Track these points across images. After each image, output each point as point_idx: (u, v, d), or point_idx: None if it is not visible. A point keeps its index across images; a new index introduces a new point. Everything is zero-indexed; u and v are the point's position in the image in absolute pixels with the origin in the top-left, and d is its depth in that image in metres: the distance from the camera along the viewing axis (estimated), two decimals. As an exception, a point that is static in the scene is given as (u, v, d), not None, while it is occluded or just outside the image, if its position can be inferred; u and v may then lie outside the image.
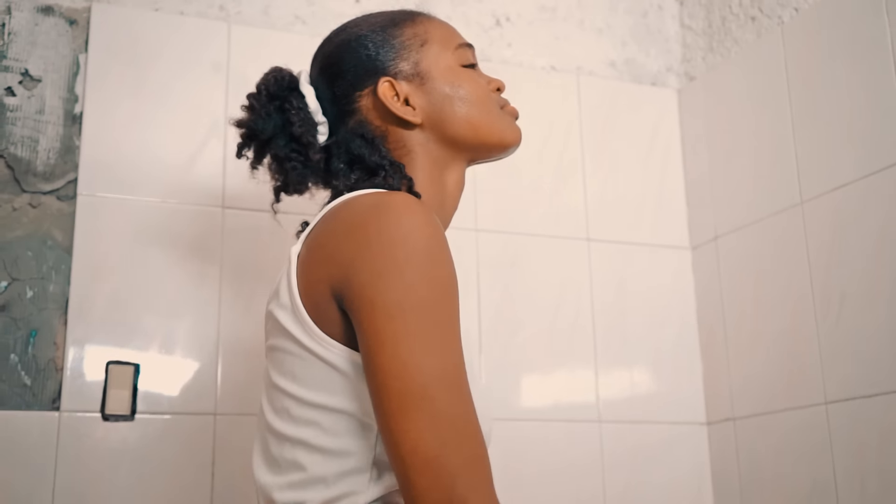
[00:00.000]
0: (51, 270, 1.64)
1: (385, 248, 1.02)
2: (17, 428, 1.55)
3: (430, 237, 1.03)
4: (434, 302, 1.00)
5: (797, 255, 1.80)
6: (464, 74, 1.23)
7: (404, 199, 1.05)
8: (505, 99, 1.27)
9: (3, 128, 1.67)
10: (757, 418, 1.87)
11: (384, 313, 0.98)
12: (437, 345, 0.98)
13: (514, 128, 1.26)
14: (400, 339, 0.97)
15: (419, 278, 1.00)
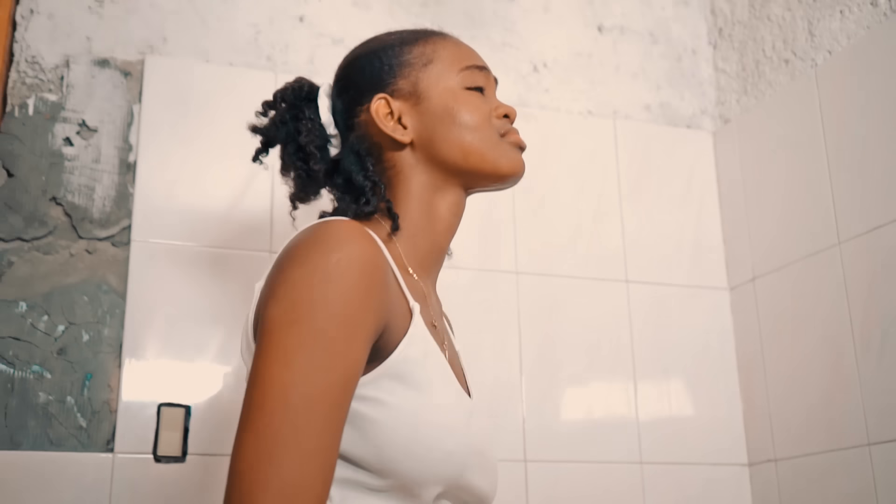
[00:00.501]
0: (105, 315, 1.65)
1: (289, 270, 0.98)
2: (73, 469, 1.56)
3: (337, 262, 0.96)
4: (312, 321, 0.94)
5: (836, 296, 1.78)
6: (463, 97, 1.17)
7: (335, 228, 1.01)
8: (510, 127, 1.20)
9: (62, 177, 1.70)
10: (799, 459, 1.84)
11: (264, 328, 0.96)
12: (298, 363, 0.92)
13: (512, 158, 1.18)
14: (266, 352, 0.94)
15: (304, 297, 0.95)
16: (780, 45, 2.03)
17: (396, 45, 1.22)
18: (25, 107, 1.72)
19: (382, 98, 1.18)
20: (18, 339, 1.60)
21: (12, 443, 1.55)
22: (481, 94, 1.19)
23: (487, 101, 1.20)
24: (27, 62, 1.74)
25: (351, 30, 1.97)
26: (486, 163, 1.16)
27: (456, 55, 1.21)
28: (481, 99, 1.19)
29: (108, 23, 1.81)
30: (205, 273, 1.72)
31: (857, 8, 1.82)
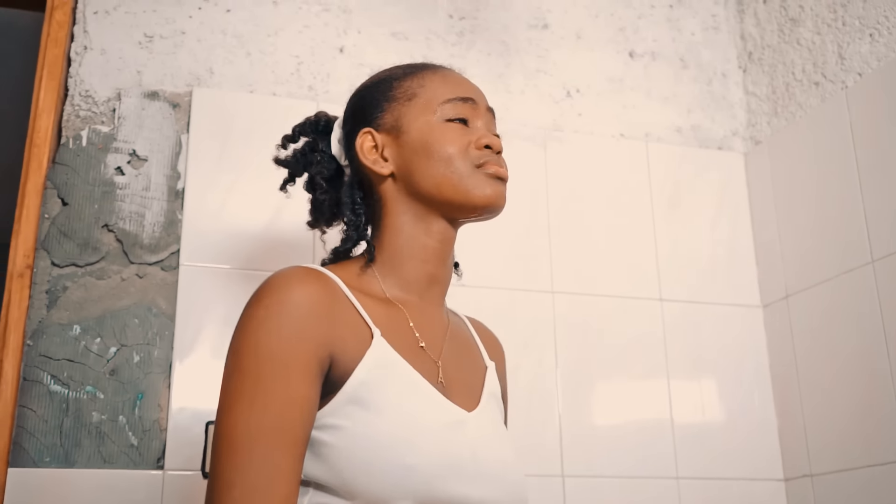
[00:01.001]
0: (155, 336, 1.68)
1: (238, 321, 1.07)
2: (125, 486, 1.58)
3: (264, 308, 1.04)
4: (247, 367, 1.01)
5: (870, 313, 1.77)
6: (440, 130, 1.17)
7: (274, 278, 1.08)
8: (491, 157, 1.17)
9: (113, 204, 1.73)
10: (835, 475, 1.82)
11: (222, 377, 1.05)
12: (238, 407, 0.99)
13: (486, 188, 1.16)
14: (220, 399, 1.02)
15: (241, 345, 1.04)
16: (809, 67, 2.02)
17: (387, 80, 1.25)
18: (79, 138, 1.76)
19: (368, 132, 1.22)
20: (73, 360, 1.63)
21: (67, 461, 1.57)
22: (464, 125, 1.19)
23: (469, 132, 1.19)
24: (81, 96, 1.79)
25: (389, 59, 1.98)
26: (458, 194, 1.16)
27: (440, 88, 1.21)
28: (460, 131, 1.18)
29: (157, 57, 1.85)
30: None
31: (887, 31, 1.81)
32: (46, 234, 1.68)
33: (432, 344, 1.18)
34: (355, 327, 1.08)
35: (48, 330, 1.63)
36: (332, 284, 1.10)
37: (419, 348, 1.15)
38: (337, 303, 1.08)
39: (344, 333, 1.06)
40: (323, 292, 1.07)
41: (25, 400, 1.59)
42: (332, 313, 1.06)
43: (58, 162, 1.73)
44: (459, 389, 1.16)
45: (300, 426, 1.00)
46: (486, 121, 1.22)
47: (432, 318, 1.21)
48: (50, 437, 1.58)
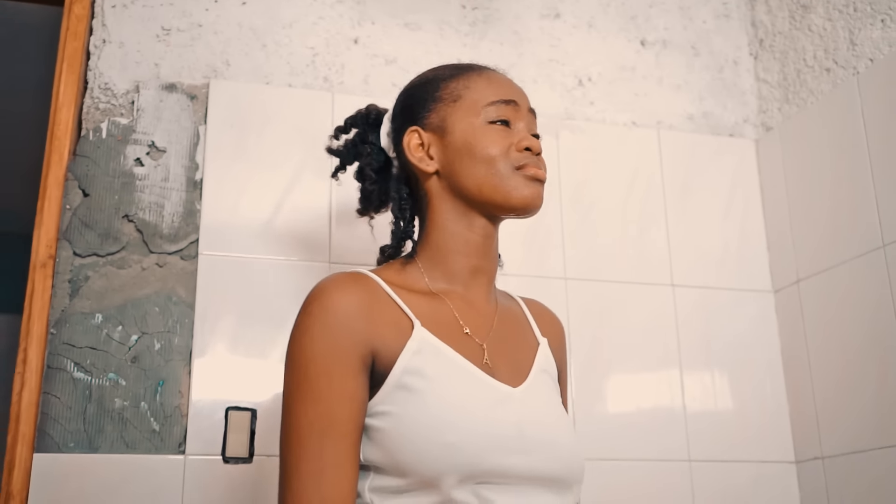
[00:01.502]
0: (175, 324, 1.68)
1: (292, 328, 1.16)
2: (147, 470, 1.59)
3: (309, 315, 1.13)
4: (297, 370, 1.11)
5: (881, 297, 1.75)
6: (481, 132, 1.21)
7: (315, 288, 1.16)
8: (529, 160, 1.21)
9: (133, 195, 1.74)
10: (846, 457, 1.81)
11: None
12: (293, 406, 1.11)
13: (524, 190, 1.20)
14: (282, 400, 1.13)
15: (291, 352, 1.13)
16: (821, 54, 2.00)
17: (434, 80, 1.29)
18: (99, 130, 1.76)
19: (415, 130, 1.26)
20: (95, 348, 1.64)
21: (91, 446, 1.58)
22: (506, 126, 1.23)
23: (511, 133, 1.23)
24: (100, 88, 1.79)
25: (403, 50, 2.00)
26: (498, 195, 1.20)
27: (484, 91, 1.24)
28: (502, 133, 1.22)
29: (174, 50, 1.85)
30: (268, 283, 1.75)
31: (897, 15, 1.80)
32: (68, 224, 1.69)
33: (477, 329, 1.22)
34: (395, 321, 1.15)
35: (71, 319, 1.64)
36: (372, 285, 1.17)
37: (463, 334, 1.20)
38: (376, 301, 1.15)
39: (383, 329, 1.13)
40: (360, 294, 1.14)
41: (49, 387, 1.60)
42: (371, 312, 1.13)
43: (78, 154, 1.73)
44: (507, 368, 1.20)
45: (348, 418, 1.09)
46: (527, 122, 1.26)
47: (478, 305, 1.25)
48: (74, 424, 1.59)
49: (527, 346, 1.28)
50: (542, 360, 1.27)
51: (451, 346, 1.16)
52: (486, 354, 1.20)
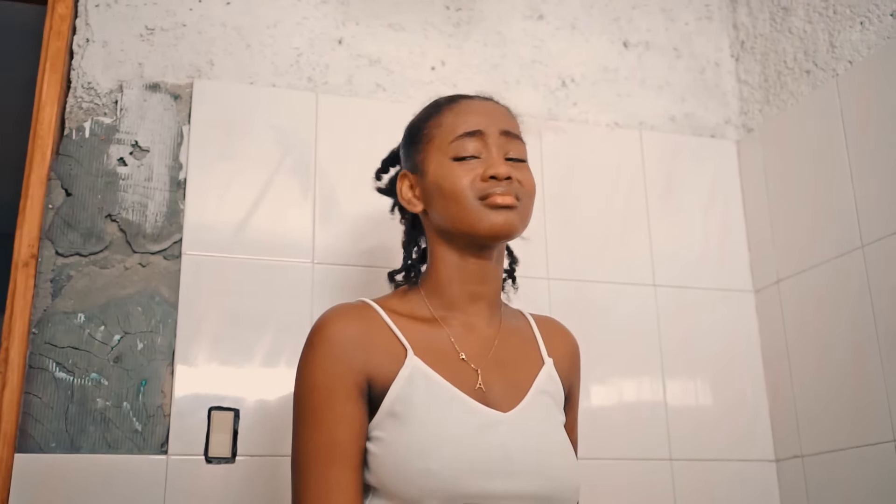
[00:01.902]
0: (158, 324, 1.67)
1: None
2: (130, 470, 1.57)
3: (311, 346, 1.20)
4: (301, 399, 1.18)
5: (860, 297, 1.75)
6: (447, 169, 1.24)
7: (318, 320, 1.22)
8: (494, 188, 1.22)
9: (117, 195, 1.72)
10: (825, 455, 1.81)
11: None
12: (298, 434, 1.17)
13: (489, 220, 1.21)
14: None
15: (297, 382, 1.20)
16: (801, 56, 2.00)
17: (418, 121, 1.34)
18: (82, 130, 1.74)
19: (405, 174, 1.33)
20: (77, 348, 1.62)
21: (73, 446, 1.56)
22: (470, 160, 1.24)
23: (477, 165, 1.24)
24: (83, 88, 1.77)
25: (387, 51, 1.98)
26: (466, 227, 1.23)
27: (451, 127, 1.27)
28: (466, 167, 1.24)
29: (158, 49, 1.83)
30: (251, 283, 1.73)
31: (877, 19, 1.79)
32: (50, 224, 1.67)
33: (474, 354, 1.25)
34: (390, 349, 1.19)
35: (53, 318, 1.62)
36: (371, 315, 1.23)
37: (459, 360, 1.23)
38: (372, 330, 1.20)
39: (378, 357, 1.18)
40: (358, 325, 1.20)
41: (31, 387, 1.58)
42: (367, 341, 1.19)
43: (61, 153, 1.71)
44: (501, 392, 1.22)
45: (349, 441, 1.14)
46: (499, 146, 1.26)
47: (478, 329, 1.28)
48: (55, 424, 1.57)
49: (528, 366, 1.28)
50: (544, 381, 1.27)
51: (443, 372, 1.19)
52: (479, 379, 1.22)
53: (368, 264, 1.80)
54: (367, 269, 1.80)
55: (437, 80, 2.00)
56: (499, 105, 1.33)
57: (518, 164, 1.27)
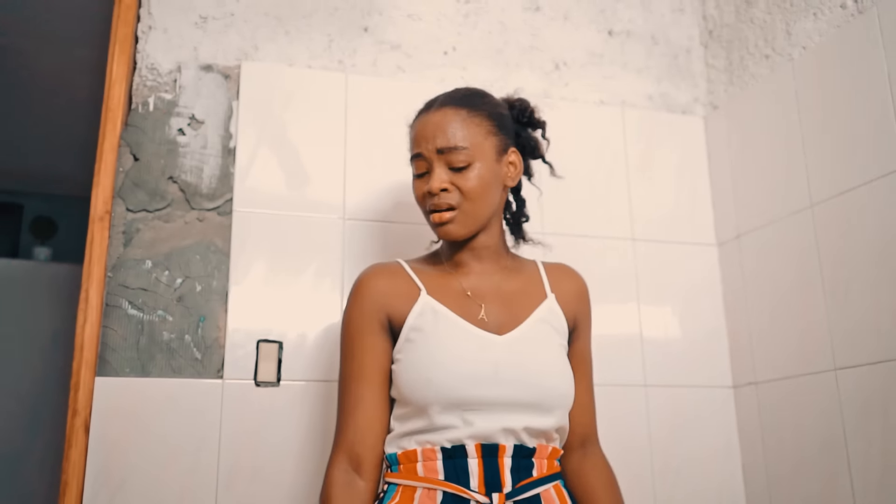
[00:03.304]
0: (214, 269, 1.67)
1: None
2: (191, 392, 1.59)
3: (350, 297, 1.28)
4: (342, 336, 1.27)
5: (808, 249, 1.75)
6: (413, 181, 1.31)
7: (360, 274, 1.30)
8: (431, 203, 1.26)
9: (177, 160, 1.71)
10: (776, 382, 1.82)
11: None
12: (341, 361, 1.26)
13: (436, 229, 1.28)
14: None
15: (342, 323, 1.28)
16: (761, 43, 1.97)
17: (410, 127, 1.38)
18: (147, 104, 1.73)
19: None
20: (146, 289, 1.63)
21: (143, 371, 1.58)
22: (422, 177, 1.28)
23: (425, 180, 1.27)
24: (147, 68, 1.76)
25: (406, 38, 1.96)
26: (431, 228, 1.30)
27: (410, 147, 1.32)
28: (418, 184, 1.29)
29: (210, 35, 1.81)
30: (291, 235, 1.73)
31: (829, 10, 1.77)
32: (121, 185, 1.67)
33: (479, 292, 1.28)
34: (408, 292, 1.25)
35: (125, 264, 1.63)
36: (397, 270, 1.29)
37: (465, 296, 1.27)
38: (396, 281, 1.26)
39: (396, 299, 1.24)
40: (382, 276, 1.27)
41: (108, 322, 1.59)
42: (390, 290, 1.25)
43: (129, 124, 1.71)
44: (501, 320, 1.26)
45: (373, 366, 1.22)
46: (437, 164, 1.26)
47: (483, 275, 1.31)
48: (129, 352, 1.58)
49: (529, 300, 1.31)
50: (544, 311, 1.30)
51: (450, 306, 1.24)
52: (483, 311, 1.25)
53: (389, 220, 1.80)
54: (388, 223, 1.80)
55: (449, 63, 1.98)
56: (446, 114, 1.27)
57: (460, 171, 1.25)
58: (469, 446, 1.14)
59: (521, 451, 1.16)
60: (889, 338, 1.54)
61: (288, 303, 1.69)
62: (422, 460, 1.15)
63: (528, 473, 1.16)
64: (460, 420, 1.14)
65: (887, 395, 1.53)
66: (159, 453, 1.54)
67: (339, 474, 1.17)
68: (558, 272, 1.38)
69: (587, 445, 1.34)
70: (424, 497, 1.12)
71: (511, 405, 1.17)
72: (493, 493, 1.12)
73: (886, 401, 1.53)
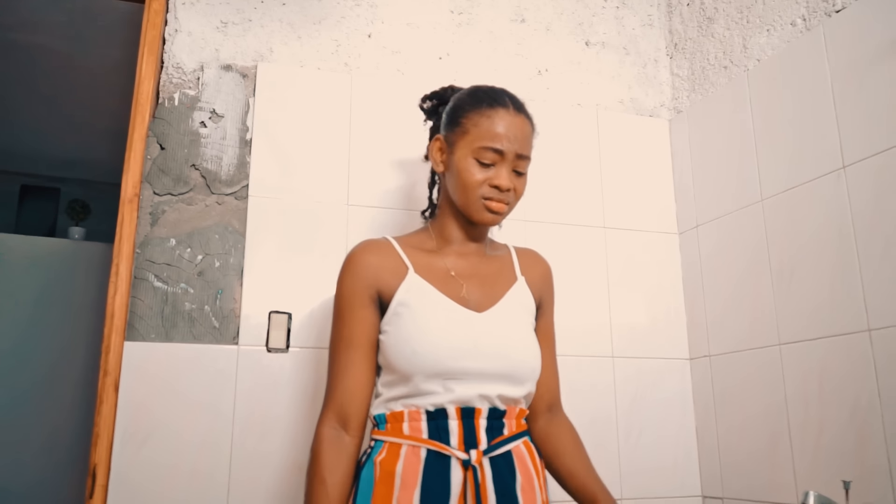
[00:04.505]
0: (231, 248, 1.66)
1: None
2: (210, 356, 1.59)
3: (342, 269, 1.25)
4: (335, 307, 1.24)
5: (759, 238, 1.76)
6: (468, 163, 1.22)
7: (352, 249, 1.26)
8: (495, 195, 1.23)
9: (199, 150, 1.70)
10: (728, 356, 1.83)
11: None
12: (332, 330, 1.23)
13: (482, 214, 1.24)
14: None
15: (335, 294, 1.25)
16: (720, 55, 1.97)
17: (466, 106, 1.27)
18: (173, 99, 1.72)
19: (438, 139, 1.30)
20: (170, 264, 1.62)
21: (167, 337, 1.57)
22: (485, 166, 1.23)
23: (488, 172, 1.22)
24: (173, 67, 1.74)
25: (406, 44, 1.95)
26: (466, 211, 1.26)
27: (483, 134, 1.23)
28: (479, 170, 1.22)
29: (230, 38, 1.80)
30: (301, 218, 1.73)
31: (780, 27, 1.76)
32: (149, 171, 1.65)
33: (462, 273, 1.27)
34: (397, 269, 1.23)
35: (151, 242, 1.62)
36: (387, 247, 1.26)
37: (449, 276, 1.26)
38: (386, 257, 1.24)
39: (386, 275, 1.22)
40: (375, 254, 1.23)
41: (136, 293, 1.58)
42: (380, 265, 1.22)
43: (157, 117, 1.69)
44: (480, 299, 1.25)
45: (362, 335, 1.20)
46: (510, 165, 1.24)
47: (468, 256, 1.30)
48: (154, 320, 1.57)
49: (503, 282, 1.30)
50: (515, 292, 1.29)
51: (435, 284, 1.22)
52: (464, 289, 1.24)
53: (389, 206, 1.80)
54: (388, 209, 1.80)
55: (443, 67, 1.97)
56: (524, 124, 1.26)
57: (520, 176, 1.25)
58: (450, 409, 1.14)
59: (494, 413, 1.17)
60: (827, 317, 1.55)
61: (297, 278, 1.69)
62: (407, 420, 1.15)
63: (500, 432, 1.17)
64: (442, 387, 1.15)
65: (824, 367, 1.54)
66: (181, 410, 1.54)
67: (328, 431, 1.17)
68: (527, 257, 1.38)
69: (553, 410, 1.34)
70: (410, 453, 1.13)
71: (488, 375, 1.17)
72: (471, 449, 1.13)
73: (822, 372, 1.54)
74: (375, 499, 1.10)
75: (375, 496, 1.11)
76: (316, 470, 1.13)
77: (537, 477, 1.19)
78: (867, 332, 1.45)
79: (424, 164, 1.75)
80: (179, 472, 1.51)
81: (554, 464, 1.29)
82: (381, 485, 1.11)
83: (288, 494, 1.56)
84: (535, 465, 1.20)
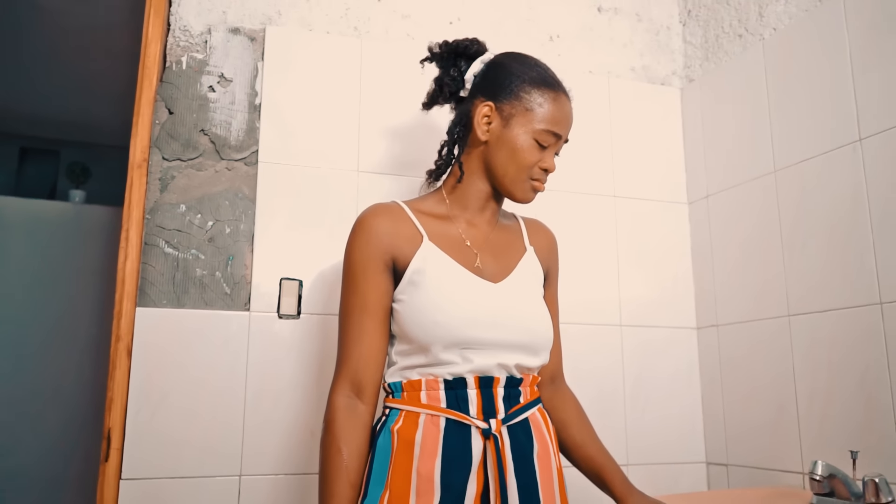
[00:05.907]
0: (241, 214, 1.66)
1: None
2: (222, 322, 1.59)
3: (353, 233, 1.21)
4: (345, 271, 1.21)
5: (770, 209, 1.75)
6: (525, 141, 1.21)
7: (361, 214, 1.22)
8: (542, 177, 1.23)
9: (207, 114, 1.68)
10: (735, 325, 1.84)
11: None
12: (342, 295, 1.21)
13: (525, 194, 1.24)
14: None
15: (344, 259, 1.21)
16: (735, 23, 1.94)
17: (527, 80, 1.23)
18: (180, 63, 1.69)
19: (488, 105, 1.23)
20: (181, 230, 1.61)
21: (178, 303, 1.58)
22: (542, 148, 1.22)
23: (542, 154, 1.22)
24: (180, 30, 1.71)
25: (416, 8, 1.91)
26: (506, 186, 1.24)
27: (547, 116, 1.21)
28: (537, 152, 1.22)
29: (238, 1, 1.76)
30: (311, 185, 1.71)
31: (797, -6, 1.74)
32: (157, 136, 1.64)
33: (475, 242, 1.26)
34: (411, 236, 1.20)
35: (161, 208, 1.61)
36: (398, 211, 1.22)
37: (464, 245, 1.24)
38: (398, 223, 1.21)
39: (401, 242, 1.19)
40: (387, 218, 1.20)
41: (147, 259, 1.58)
42: (393, 231, 1.19)
43: (164, 81, 1.67)
44: (494, 269, 1.24)
45: (376, 301, 1.18)
46: (555, 148, 1.24)
47: (481, 225, 1.28)
48: (166, 286, 1.57)
49: (514, 252, 1.29)
50: (526, 263, 1.29)
51: (450, 253, 1.20)
52: (478, 259, 1.23)
53: (399, 173, 1.79)
54: (397, 176, 1.79)
55: (454, 32, 1.94)
56: (571, 111, 1.27)
57: (556, 156, 1.27)
58: (469, 379, 1.15)
59: (511, 382, 1.18)
60: (838, 289, 1.55)
61: (307, 245, 1.68)
62: (425, 389, 1.15)
63: (517, 400, 1.18)
64: (460, 357, 1.14)
65: (833, 339, 1.55)
66: (194, 376, 1.55)
67: (342, 399, 1.16)
68: (534, 227, 1.38)
69: (556, 381, 1.35)
70: (428, 422, 1.13)
71: (506, 346, 1.17)
72: (490, 418, 1.14)
73: (832, 343, 1.56)
74: (394, 467, 1.11)
75: (394, 464, 1.11)
76: (331, 440, 1.13)
77: (551, 443, 1.20)
78: (878, 305, 1.46)
79: (435, 128, 1.74)
80: (193, 435, 1.52)
81: (560, 435, 1.30)
82: (400, 453, 1.12)
83: (300, 459, 1.58)
84: (549, 432, 1.21)
